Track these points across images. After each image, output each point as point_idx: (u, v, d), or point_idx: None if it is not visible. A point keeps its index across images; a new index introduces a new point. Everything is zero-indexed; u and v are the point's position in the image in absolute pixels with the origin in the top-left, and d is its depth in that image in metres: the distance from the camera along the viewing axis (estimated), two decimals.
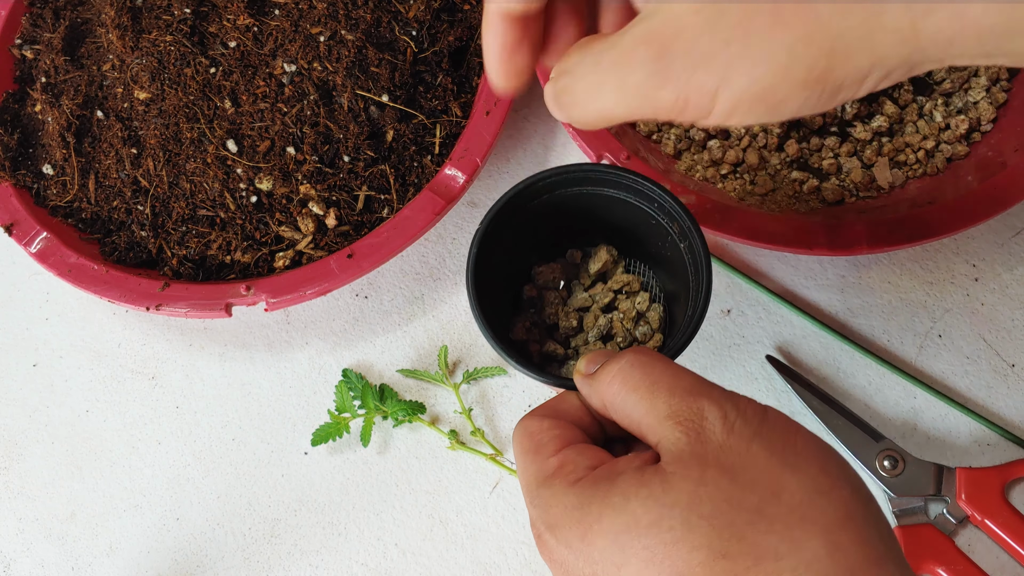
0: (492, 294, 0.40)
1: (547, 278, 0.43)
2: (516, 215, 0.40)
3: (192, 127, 0.56)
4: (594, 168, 0.39)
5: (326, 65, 0.57)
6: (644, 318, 0.42)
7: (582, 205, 0.41)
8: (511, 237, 0.41)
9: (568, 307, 0.43)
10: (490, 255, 0.39)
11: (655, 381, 0.29)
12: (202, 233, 0.56)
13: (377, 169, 0.56)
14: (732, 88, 0.25)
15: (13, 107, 0.62)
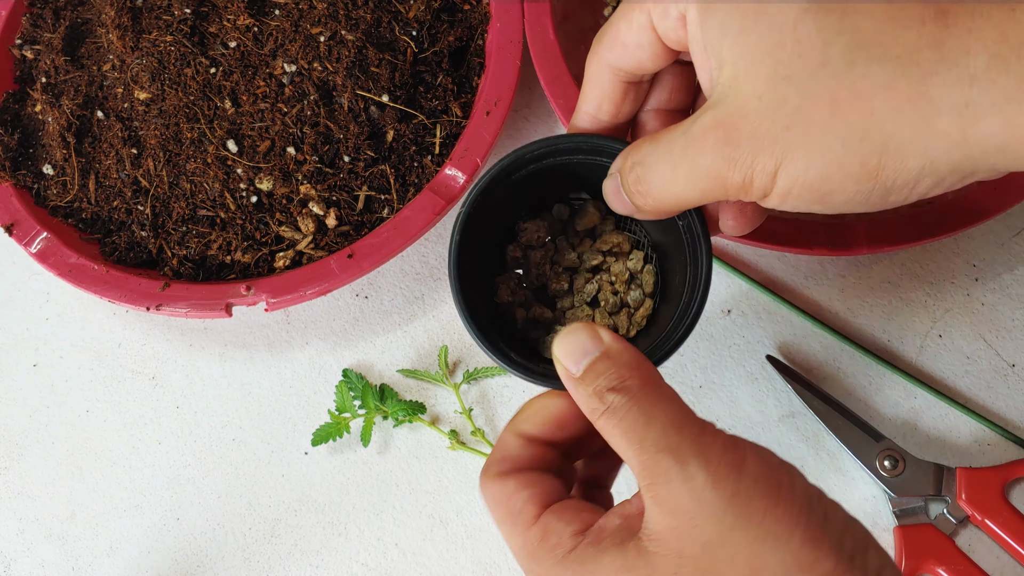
0: (477, 271, 0.38)
1: (532, 236, 0.39)
2: (500, 189, 0.37)
3: (192, 127, 0.56)
4: (586, 139, 0.36)
5: (326, 65, 0.57)
6: (636, 280, 0.39)
7: (572, 174, 0.38)
8: (496, 213, 0.38)
9: (557, 266, 0.40)
10: (474, 235, 0.37)
11: (642, 438, 0.28)
12: (202, 233, 0.56)
13: (377, 169, 0.56)
14: (788, 171, 0.27)
15: (13, 107, 0.62)
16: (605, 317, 0.38)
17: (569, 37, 0.59)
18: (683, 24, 0.30)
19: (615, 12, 0.32)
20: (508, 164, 0.36)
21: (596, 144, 0.36)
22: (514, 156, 0.36)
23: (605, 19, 0.63)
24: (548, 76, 0.56)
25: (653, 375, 0.30)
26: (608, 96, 0.34)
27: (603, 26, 0.33)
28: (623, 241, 0.39)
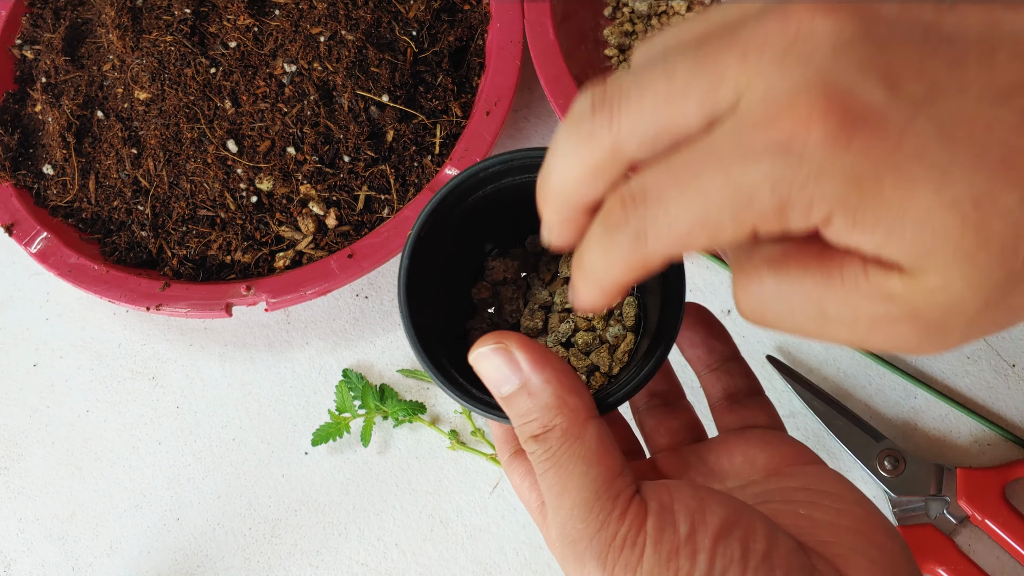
0: (440, 298, 0.34)
1: (499, 275, 0.36)
2: (454, 213, 0.33)
3: (192, 127, 0.56)
4: (513, 156, 0.32)
5: (326, 65, 0.57)
6: (616, 315, 0.35)
7: (516, 197, 0.34)
8: (454, 239, 0.34)
9: (532, 304, 0.36)
10: (432, 263, 0.33)
11: (555, 510, 0.26)
12: (202, 233, 0.56)
13: (377, 169, 0.56)
14: None
15: (13, 107, 0.62)
16: (580, 359, 0.34)
17: (569, 37, 0.59)
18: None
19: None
20: (460, 182, 0.32)
21: None
22: (466, 174, 0.32)
23: (606, 19, 0.63)
24: (548, 76, 0.56)
25: (577, 420, 0.26)
26: None
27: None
28: None
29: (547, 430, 0.26)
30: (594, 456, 0.26)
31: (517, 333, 0.28)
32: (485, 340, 0.28)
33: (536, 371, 0.27)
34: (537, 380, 0.27)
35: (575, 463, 0.26)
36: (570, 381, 0.27)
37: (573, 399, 0.26)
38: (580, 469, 0.26)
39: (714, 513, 0.25)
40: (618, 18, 0.63)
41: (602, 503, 0.25)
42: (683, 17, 0.60)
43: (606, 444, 0.26)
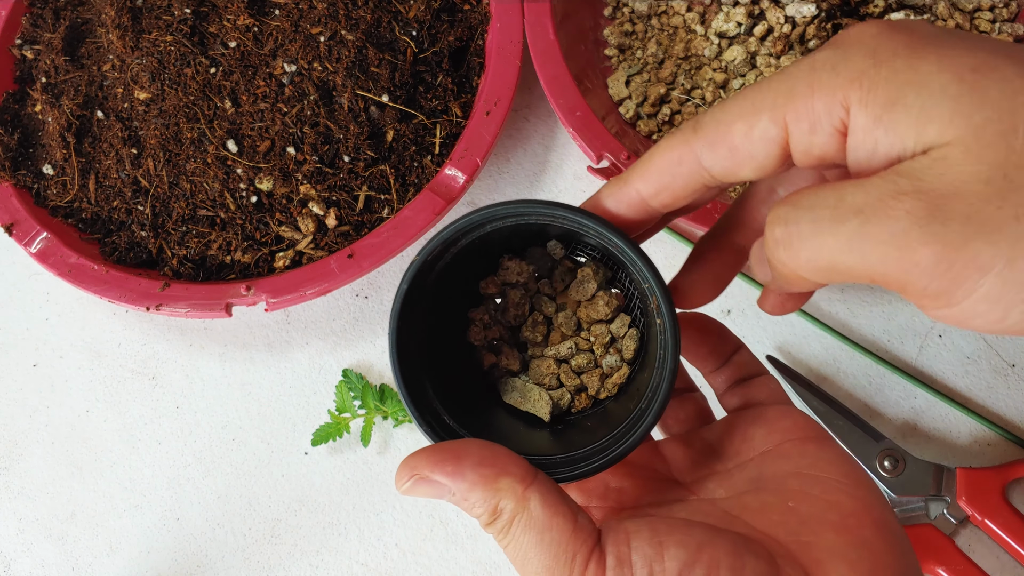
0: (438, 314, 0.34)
1: (512, 277, 0.36)
2: (455, 255, 0.34)
3: (192, 127, 0.56)
4: (530, 206, 0.31)
5: (326, 65, 0.57)
6: (616, 344, 0.35)
7: (535, 232, 0.35)
8: (463, 267, 0.34)
9: (536, 316, 0.36)
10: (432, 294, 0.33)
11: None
12: (202, 233, 0.56)
13: (377, 169, 0.56)
14: (1013, 269, 0.21)
15: (13, 107, 0.62)
16: (570, 376, 0.35)
17: (569, 37, 0.59)
18: (839, 139, 0.24)
19: (729, 104, 0.26)
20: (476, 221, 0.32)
21: (601, 235, 0.31)
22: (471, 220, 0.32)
23: (606, 19, 0.63)
24: (548, 76, 0.56)
25: (514, 497, 0.27)
26: (674, 189, 0.28)
27: (709, 113, 0.27)
28: (611, 306, 0.35)
29: (494, 516, 0.27)
30: (543, 523, 0.26)
31: (422, 450, 0.27)
32: (400, 475, 0.28)
33: (455, 481, 0.27)
34: (463, 486, 0.27)
35: (527, 534, 0.26)
36: (492, 467, 0.27)
37: (505, 480, 0.27)
38: (533, 539, 0.26)
39: (673, 557, 0.24)
40: (618, 18, 0.63)
41: (560, 567, 0.25)
42: (683, 17, 0.60)
43: (552, 505, 0.26)
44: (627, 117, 0.59)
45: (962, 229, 0.21)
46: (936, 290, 0.22)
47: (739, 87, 0.56)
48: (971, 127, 0.22)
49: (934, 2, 0.56)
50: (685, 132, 0.28)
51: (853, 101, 0.23)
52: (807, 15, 0.54)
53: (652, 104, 0.58)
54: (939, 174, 0.22)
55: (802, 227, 0.24)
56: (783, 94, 0.25)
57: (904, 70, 0.23)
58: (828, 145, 0.24)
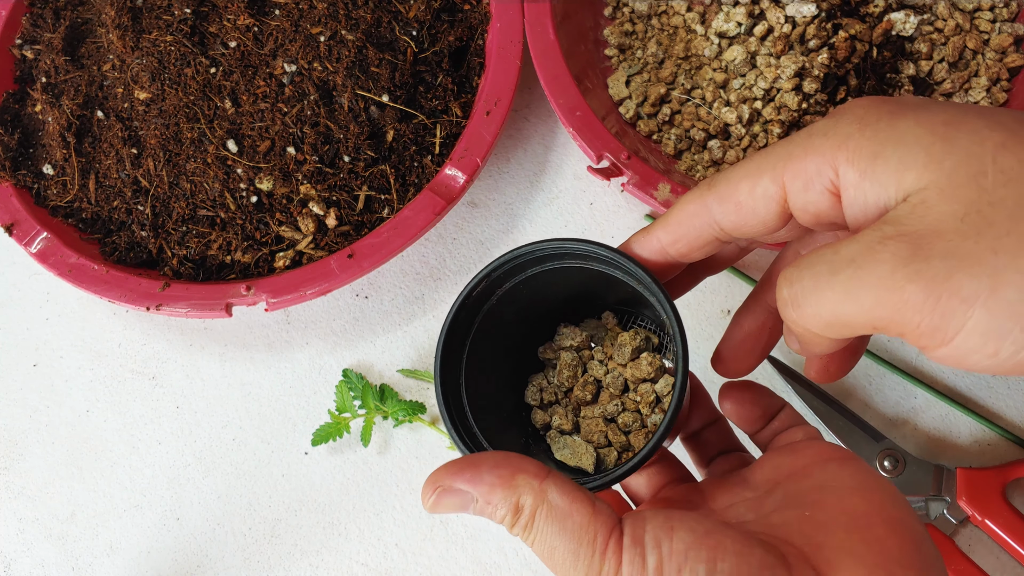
0: (503, 350, 0.37)
1: (565, 341, 0.39)
2: (509, 283, 0.36)
3: (192, 127, 0.56)
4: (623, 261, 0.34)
5: (326, 65, 0.57)
6: (661, 404, 0.37)
7: (577, 281, 0.37)
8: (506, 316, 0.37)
9: (587, 377, 0.38)
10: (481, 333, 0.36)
11: (553, 568, 0.27)
12: (202, 233, 0.56)
13: (377, 169, 0.56)
14: (997, 299, 0.22)
15: (13, 107, 0.62)
16: (617, 434, 0.37)
17: (569, 37, 0.59)
18: (829, 197, 0.27)
19: (739, 165, 0.29)
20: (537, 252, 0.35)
21: (629, 270, 0.33)
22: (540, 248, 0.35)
23: (606, 19, 0.63)
24: (548, 76, 0.56)
25: (532, 492, 0.28)
26: (690, 240, 0.32)
27: (722, 173, 0.30)
28: (654, 366, 0.37)
29: (516, 515, 0.28)
30: (563, 509, 0.27)
31: (441, 466, 0.29)
32: (425, 492, 0.29)
33: (476, 485, 0.28)
34: (483, 490, 0.28)
35: (550, 524, 0.27)
36: (508, 467, 0.28)
37: (521, 477, 0.28)
38: (556, 528, 0.27)
39: (680, 539, 0.25)
40: (618, 18, 0.63)
41: (584, 548, 0.27)
42: (683, 17, 0.60)
43: (570, 493, 0.28)
44: (627, 117, 0.59)
45: (944, 264, 0.23)
46: (929, 326, 0.23)
47: (739, 87, 0.56)
48: (943, 171, 0.24)
49: (934, 2, 0.56)
50: (701, 189, 0.31)
51: (841, 161, 0.26)
52: (807, 15, 0.54)
53: (652, 104, 0.58)
54: (919, 216, 0.24)
55: (805, 283, 0.26)
56: (783, 158, 0.28)
57: (885, 129, 0.26)
58: (821, 203, 0.27)
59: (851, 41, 0.54)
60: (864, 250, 0.24)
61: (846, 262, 0.25)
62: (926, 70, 0.55)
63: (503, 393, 0.39)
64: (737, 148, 0.55)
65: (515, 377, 0.39)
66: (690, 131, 0.57)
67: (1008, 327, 0.23)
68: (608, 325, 0.39)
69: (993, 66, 0.55)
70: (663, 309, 0.33)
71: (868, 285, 0.24)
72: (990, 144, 0.24)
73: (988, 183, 0.24)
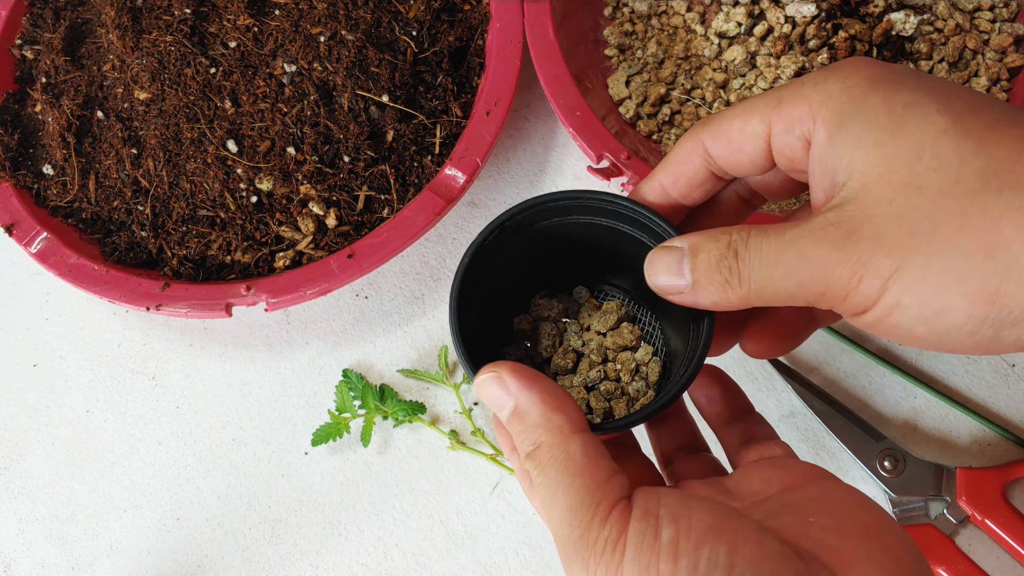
0: (483, 322, 0.37)
1: (543, 312, 0.40)
2: (518, 236, 0.37)
3: (192, 127, 0.56)
4: (609, 199, 0.35)
5: (326, 65, 0.57)
6: (641, 372, 0.38)
7: (594, 237, 0.38)
8: (510, 259, 0.38)
9: (566, 345, 0.39)
10: (480, 284, 0.36)
11: (549, 521, 0.28)
12: (202, 233, 0.56)
13: (377, 169, 0.56)
14: (904, 277, 0.26)
15: (13, 107, 0.62)
16: (600, 401, 0.38)
17: (569, 37, 0.59)
18: (803, 145, 0.30)
19: (733, 106, 0.32)
20: (530, 206, 0.36)
21: (636, 213, 0.35)
22: (535, 202, 0.36)
23: (606, 19, 0.64)
24: (548, 76, 0.56)
25: (561, 435, 0.28)
26: (689, 178, 0.34)
27: (716, 114, 0.33)
28: (635, 334, 0.39)
29: (536, 447, 0.29)
30: (578, 467, 0.28)
31: (510, 362, 0.30)
32: (483, 370, 0.31)
33: (523, 393, 0.29)
34: (525, 401, 0.29)
35: (561, 475, 0.28)
36: (555, 400, 0.29)
37: (558, 416, 0.29)
38: (565, 480, 0.28)
39: (700, 519, 0.25)
40: (618, 18, 0.63)
41: (584, 509, 0.27)
42: (683, 17, 0.60)
43: (591, 456, 0.28)
44: (627, 117, 0.59)
45: (869, 246, 0.26)
46: (854, 302, 0.27)
47: (739, 87, 0.56)
48: (885, 155, 0.27)
49: (934, 2, 0.56)
50: (696, 127, 0.33)
51: (818, 118, 0.29)
52: (807, 15, 0.54)
53: (652, 104, 0.58)
54: (859, 202, 0.27)
55: (751, 267, 0.29)
56: (774, 101, 0.30)
57: (858, 99, 0.28)
58: (796, 149, 0.30)
59: (851, 41, 0.54)
60: (809, 234, 0.27)
61: (792, 243, 0.28)
62: (926, 70, 0.55)
63: (489, 338, 0.39)
64: None
65: (499, 329, 0.40)
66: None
67: (904, 303, 0.26)
68: (582, 299, 0.41)
69: (993, 66, 0.55)
70: None
71: (807, 267, 0.27)
72: (933, 130, 0.26)
73: (921, 168, 0.26)
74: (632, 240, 0.37)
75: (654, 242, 0.36)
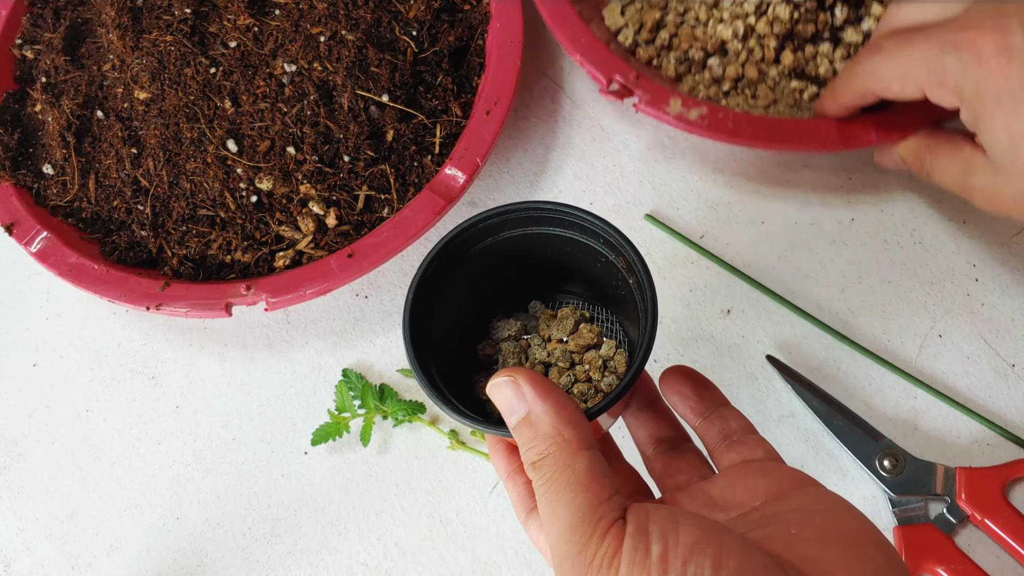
0: (448, 349, 0.38)
1: (503, 333, 0.41)
2: (458, 263, 0.38)
3: (192, 127, 0.56)
4: (534, 206, 0.37)
5: (326, 65, 0.57)
6: (609, 366, 0.39)
7: (530, 248, 0.39)
8: (458, 288, 0.39)
9: (532, 360, 0.40)
10: (436, 307, 0.37)
11: (548, 534, 0.28)
12: (202, 233, 0.56)
13: (377, 169, 0.56)
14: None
15: (13, 107, 0.62)
16: (577, 403, 0.37)
17: None
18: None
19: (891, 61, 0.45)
20: (461, 231, 0.37)
21: (563, 213, 0.36)
22: (465, 225, 0.37)
23: None
24: (550, 11, 0.59)
25: (569, 450, 0.29)
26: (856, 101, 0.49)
27: (869, 67, 0.46)
28: (593, 336, 0.40)
29: (542, 457, 0.29)
30: (582, 484, 0.28)
31: (528, 369, 0.31)
32: (501, 373, 0.31)
33: (538, 402, 0.30)
34: (538, 410, 0.30)
35: (564, 489, 0.28)
36: (568, 414, 0.30)
37: (568, 430, 0.29)
38: (568, 496, 0.28)
39: (687, 533, 0.26)
40: None
41: (584, 526, 0.27)
42: None
43: (595, 473, 0.28)
44: (626, 45, 0.60)
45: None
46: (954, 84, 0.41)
47: (730, 4, 0.57)
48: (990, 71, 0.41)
49: None
50: (860, 80, 0.48)
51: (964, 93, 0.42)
52: None
53: (649, 30, 0.60)
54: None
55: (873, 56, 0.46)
56: (923, 73, 0.43)
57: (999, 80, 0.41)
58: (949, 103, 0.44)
59: None
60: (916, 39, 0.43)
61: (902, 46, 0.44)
62: None
63: (457, 371, 0.39)
64: (736, 63, 0.57)
65: (466, 360, 0.41)
66: (689, 52, 0.58)
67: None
68: (538, 312, 0.41)
69: None
70: (628, 253, 0.36)
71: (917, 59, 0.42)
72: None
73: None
74: (567, 241, 0.38)
75: (587, 238, 0.38)
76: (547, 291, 0.43)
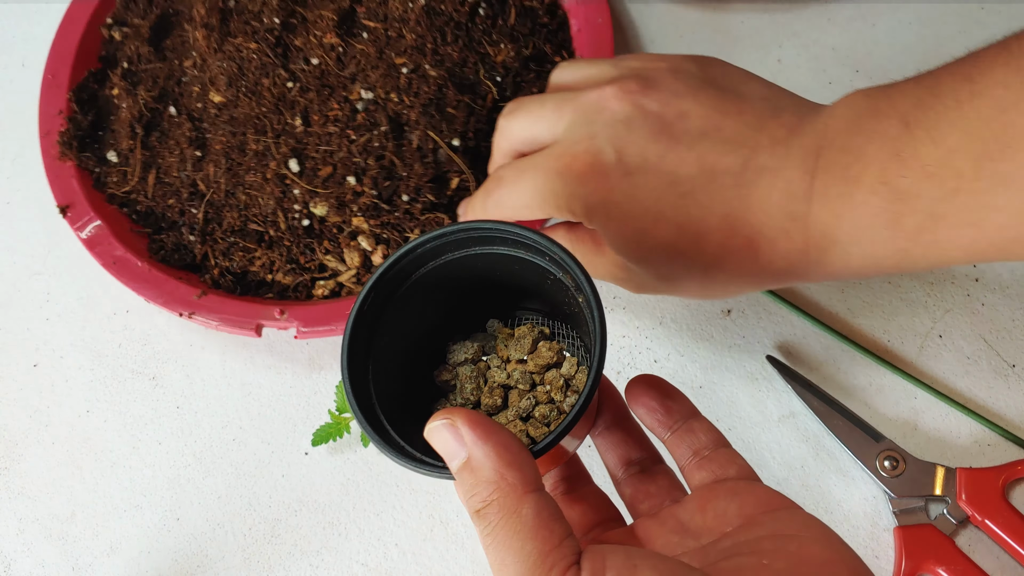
0: (405, 379, 0.39)
1: (459, 357, 0.40)
2: (400, 291, 0.37)
3: (259, 139, 0.60)
4: (474, 227, 0.37)
5: (403, 98, 0.60)
6: (572, 386, 0.38)
7: (477, 269, 0.39)
8: (405, 316, 0.38)
9: (491, 383, 0.39)
10: (383, 339, 0.37)
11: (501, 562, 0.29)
12: (248, 248, 0.61)
13: (434, 216, 0.59)
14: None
15: (92, 87, 0.70)
16: (539, 427, 0.38)
17: None
18: None
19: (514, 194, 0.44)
20: (397, 259, 0.37)
21: (504, 232, 0.37)
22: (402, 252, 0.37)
23: None
24: None
25: (514, 495, 0.28)
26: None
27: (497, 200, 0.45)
28: (554, 350, 0.40)
29: (486, 505, 0.28)
30: (530, 531, 0.28)
31: (467, 410, 0.31)
32: (437, 416, 0.31)
33: (478, 445, 0.29)
34: (479, 454, 0.29)
35: (511, 538, 0.28)
36: (511, 455, 0.29)
37: (512, 474, 0.29)
38: (516, 544, 0.28)
39: None
40: None
41: (537, 569, 0.28)
42: None
43: (543, 517, 0.28)
44: None
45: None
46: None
47: None
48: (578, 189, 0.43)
49: None
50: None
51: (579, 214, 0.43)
52: None
53: None
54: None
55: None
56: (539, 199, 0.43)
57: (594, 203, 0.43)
58: None
59: None
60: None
61: None
62: None
63: (414, 400, 0.41)
64: None
65: (424, 387, 0.42)
66: None
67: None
68: (496, 331, 0.42)
69: None
70: (574, 272, 0.36)
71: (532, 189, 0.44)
72: None
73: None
74: (513, 260, 0.39)
75: (532, 255, 0.39)
76: (507, 308, 0.43)
